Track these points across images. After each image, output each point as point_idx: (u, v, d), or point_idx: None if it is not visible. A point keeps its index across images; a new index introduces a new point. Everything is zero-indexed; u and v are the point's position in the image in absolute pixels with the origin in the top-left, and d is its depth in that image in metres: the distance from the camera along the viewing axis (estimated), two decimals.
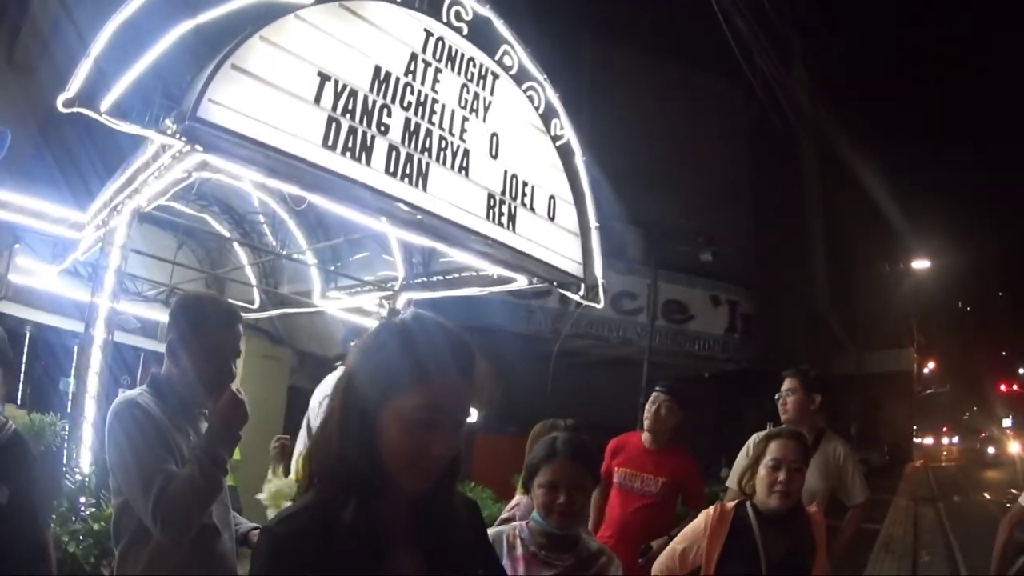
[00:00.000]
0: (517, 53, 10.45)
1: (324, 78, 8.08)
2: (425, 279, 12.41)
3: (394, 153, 8.55)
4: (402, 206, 8.69)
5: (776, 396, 6.82)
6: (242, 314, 4.42)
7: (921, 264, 35.28)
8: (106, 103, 6.68)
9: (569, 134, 11.02)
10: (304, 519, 2.26)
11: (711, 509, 5.06)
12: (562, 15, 23.62)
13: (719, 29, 20.75)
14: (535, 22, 22.28)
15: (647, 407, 8.25)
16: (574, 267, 10.85)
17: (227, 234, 15.24)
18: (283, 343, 17.97)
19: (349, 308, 13.81)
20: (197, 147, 7.19)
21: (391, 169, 8.49)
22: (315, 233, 13.59)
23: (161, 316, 14.92)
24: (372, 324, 12.53)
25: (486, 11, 10.15)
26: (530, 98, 10.58)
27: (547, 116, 10.79)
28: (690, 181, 23.41)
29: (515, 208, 9.89)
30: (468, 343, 2.52)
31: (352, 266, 13.73)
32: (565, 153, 10.99)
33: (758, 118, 25.69)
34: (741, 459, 6.68)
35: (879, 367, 28.37)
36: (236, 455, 13.46)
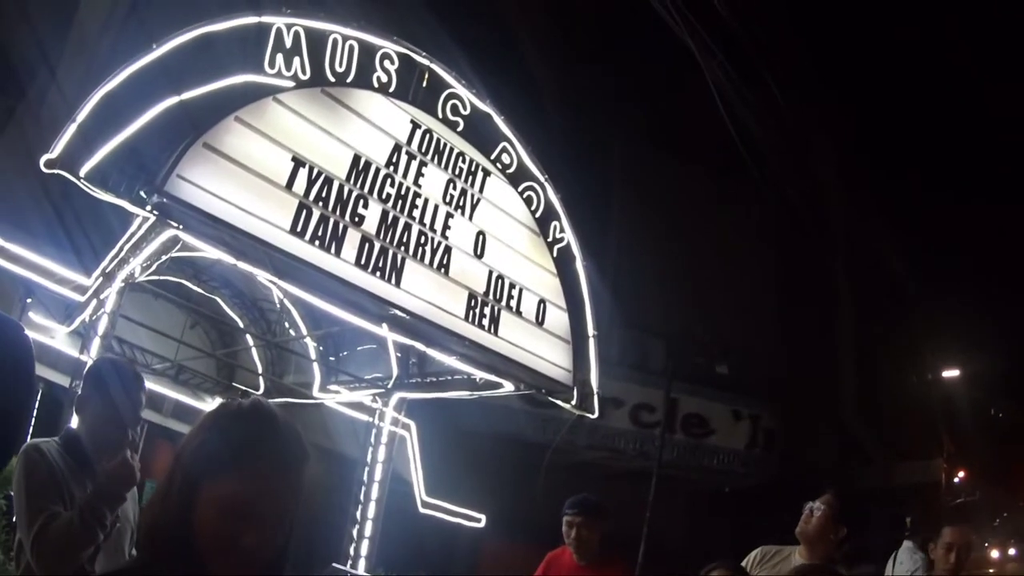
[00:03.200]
0: (516, 151, 10.33)
1: (299, 163, 7.99)
2: (419, 379, 12.13)
3: (367, 245, 8.38)
4: (372, 301, 8.51)
5: (805, 504, 6.18)
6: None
7: (952, 373, 34.86)
8: (85, 168, 6.73)
9: (570, 237, 10.77)
10: None
11: None
12: (594, 116, 23.64)
13: (750, 137, 20.63)
14: (566, 122, 22.41)
15: (564, 529, 7.99)
16: (561, 374, 10.48)
17: (236, 318, 15.27)
18: None
19: (348, 403, 13.83)
20: (168, 221, 7.22)
21: (362, 261, 8.30)
22: (318, 324, 13.42)
23: (168, 391, 15.19)
24: (367, 419, 12.51)
25: (486, 107, 10.07)
26: (528, 199, 10.40)
27: (546, 218, 10.57)
28: (717, 292, 23.09)
29: (499, 310, 9.60)
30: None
31: (355, 360, 13.56)
32: (564, 257, 10.72)
33: (786, 227, 25.42)
34: None
35: (907, 479, 27.71)
36: None
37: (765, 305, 24.95)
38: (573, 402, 10.73)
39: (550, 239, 10.56)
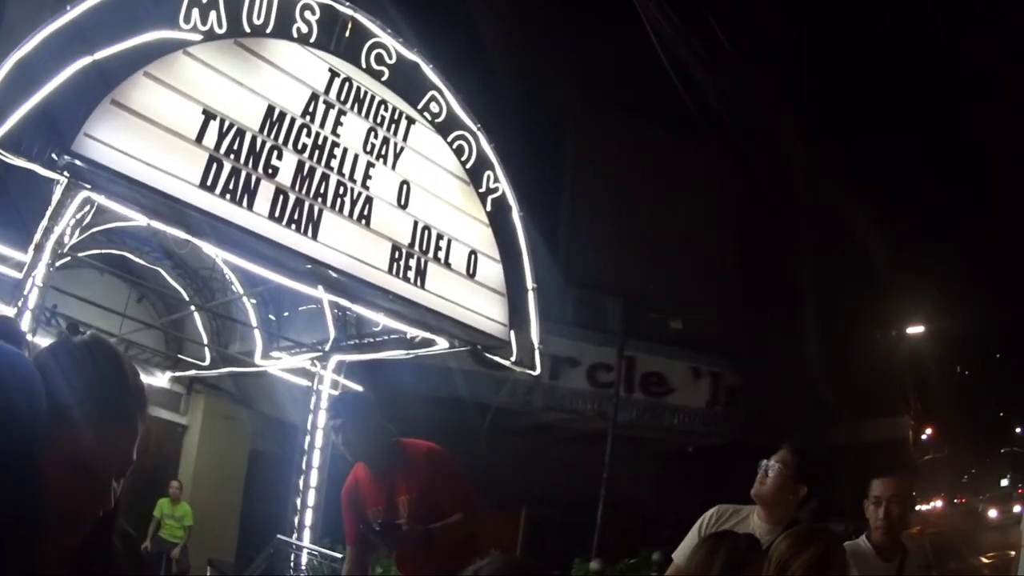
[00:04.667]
0: (446, 100, 10.20)
1: (209, 116, 7.87)
2: (357, 341, 12.01)
3: (281, 197, 8.26)
4: (287, 255, 8.43)
5: (760, 463, 5.80)
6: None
7: (916, 329, 34.93)
8: None
9: (505, 187, 10.63)
10: None
11: None
12: (551, 75, 23.51)
13: (707, 93, 20.52)
14: (521, 79, 22.28)
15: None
16: (497, 329, 10.35)
17: (180, 288, 15.28)
18: (245, 405, 17.71)
19: (290, 368, 13.70)
20: (79, 183, 7.20)
21: (276, 214, 8.19)
22: (255, 288, 13.32)
23: None
24: (307, 384, 12.38)
25: (413, 55, 9.95)
26: (459, 148, 10.26)
27: (478, 168, 10.42)
28: (675, 250, 23.00)
29: (425, 262, 9.49)
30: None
31: (295, 325, 13.47)
32: (499, 208, 10.58)
33: (745, 184, 25.35)
34: (693, 534, 5.82)
35: (874, 436, 27.71)
36: (189, 518, 13.10)
37: (725, 262, 24.94)
38: (512, 358, 10.61)
39: (483, 189, 10.43)
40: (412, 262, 9.29)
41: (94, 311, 13.15)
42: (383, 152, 9.36)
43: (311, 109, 8.74)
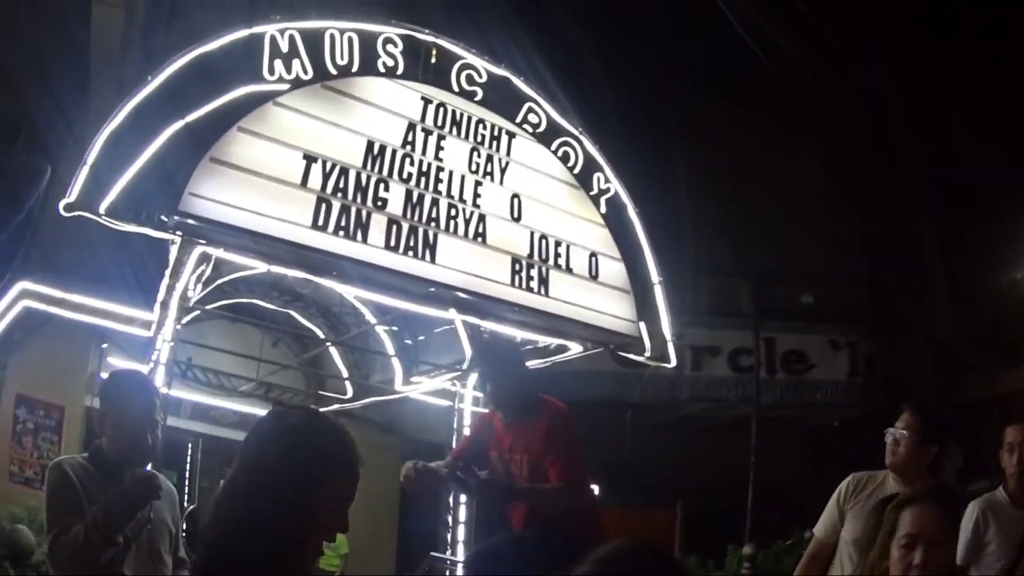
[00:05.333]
0: (543, 110, 10.25)
1: (311, 160, 8.09)
2: None
3: (394, 227, 8.44)
4: (408, 281, 8.65)
5: (887, 431, 5.67)
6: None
7: None
8: (104, 204, 7.03)
9: (616, 187, 10.61)
10: None
11: None
12: (650, 73, 23.53)
13: (791, 65, 20.40)
14: (625, 79, 22.36)
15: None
16: (627, 326, 10.32)
17: (315, 328, 15.84)
18: (392, 432, 17.98)
19: (430, 391, 13.90)
20: (193, 239, 7.61)
21: (392, 244, 8.37)
22: (385, 317, 13.66)
23: (257, 410, 15.58)
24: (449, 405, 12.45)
25: (502, 71, 10.04)
26: (564, 155, 10.29)
27: (587, 171, 10.43)
28: (796, 226, 22.76)
29: (547, 271, 9.54)
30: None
31: (432, 348, 13.65)
32: (613, 207, 10.56)
33: (856, 148, 25.02)
34: (831, 506, 5.83)
35: (1013, 386, 26.85)
36: (345, 546, 13.40)
37: (846, 230, 24.60)
38: (647, 354, 10.56)
39: (595, 191, 10.43)
40: (533, 272, 9.34)
41: (230, 359, 13.53)
42: (489, 169, 9.45)
43: (410, 138, 8.89)
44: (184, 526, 5.23)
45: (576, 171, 10.32)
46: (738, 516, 16.52)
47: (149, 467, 4.77)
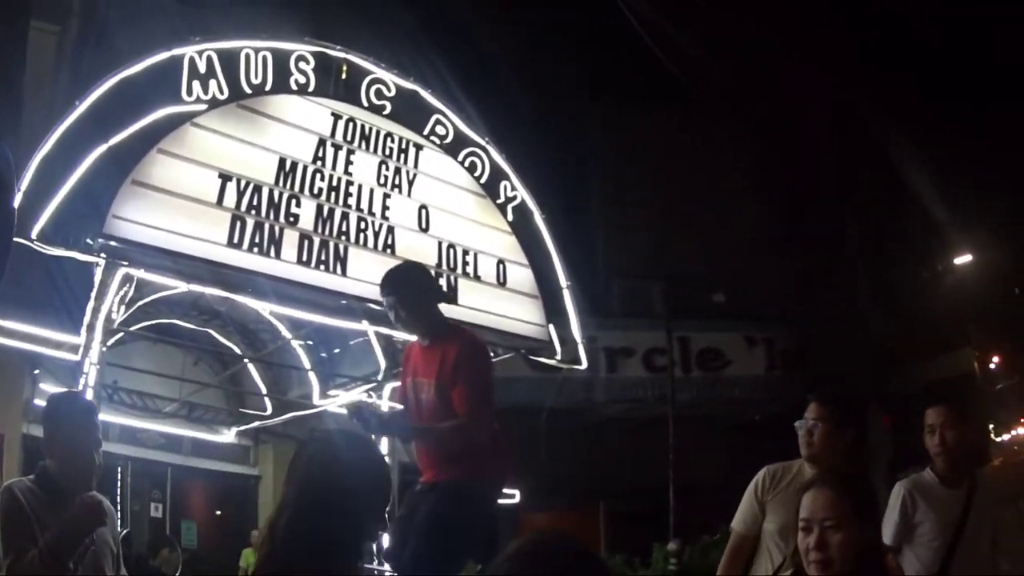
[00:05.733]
0: (451, 122, 10.69)
1: (226, 178, 8.45)
2: None
3: (306, 242, 8.81)
4: (321, 294, 9.04)
5: (797, 424, 5.70)
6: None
7: (965, 259, 34.84)
8: (36, 230, 7.35)
9: (523, 194, 11.10)
10: None
11: None
12: (563, 81, 23.95)
13: (721, 71, 20.91)
14: (537, 88, 22.77)
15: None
16: (536, 331, 10.80)
17: (232, 345, 16.04)
18: None
19: (347, 404, 13.86)
20: (117, 261, 7.90)
21: (304, 258, 8.75)
22: (300, 332, 13.92)
23: (184, 431, 16.39)
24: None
25: (411, 84, 10.47)
26: (471, 165, 10.75)
27: (494, 180, 10.90)
28: (711, 225, 23.19)
29: (455, 279, 9.96)
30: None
31: (348, 360, 13.94)
32: (520, 214, 11.04)
33: (769, 148, 25.55)
34: (750, 500, 5.84)
35: (939, 374, 27.54)
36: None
37: (761, 229, 25.06)
38: (558, 357, 11.03)
39: (501, 199, 10.89)
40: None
41: (154, 380, 13.77)
42: (397, 182, 9.87)
43: (321, 154, 9.27)
44: (118, 544, 5.36)
45: (483, 180, 10.77)
46: (662, 514, 16.89)
47: (94, 489, 4.84)
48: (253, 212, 8.47)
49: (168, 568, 14.49)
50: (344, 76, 9.88)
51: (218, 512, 18.82)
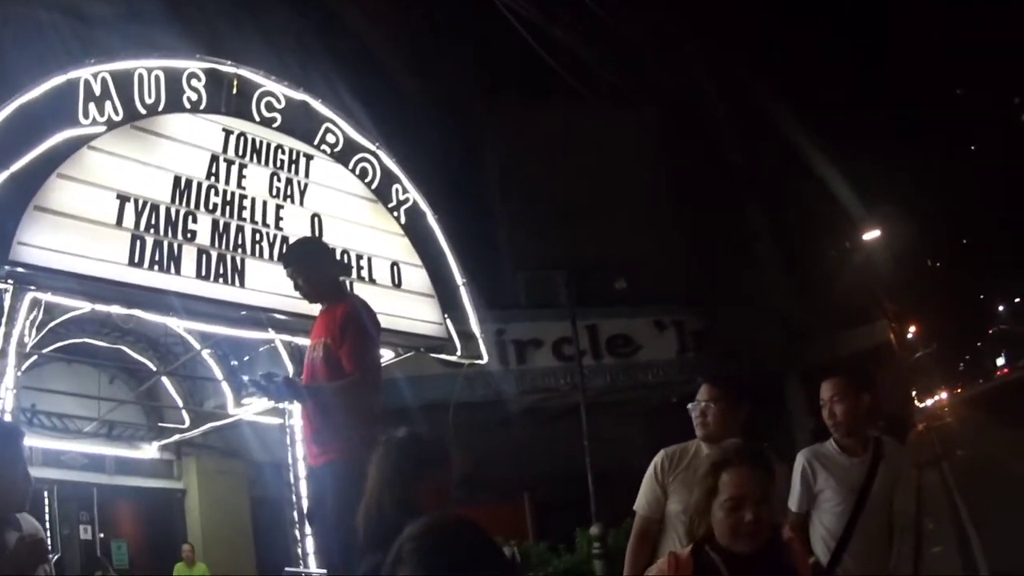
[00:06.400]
0: (340, 129, 11.22)
1: (124, 199, 8.87)
2: None
3: (204, 257, 9.28)
4: (220, 307, 9.51)
5: (690, 406, 6.01)
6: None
7: (873, 233, 35.66)
8: None
9: (415, 196, 11.66)
10: None
11: (663, 563, 4.16)
12: (457, 79, 24.47)
13: (607, 61, 21.56)
14: (423, 91, 23.28)
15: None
16: (435, 329, 11.35)
17: (145, 361, 16.48)
18: (235, 456, 18.76)
19: (261, 412, 14.51)
20: (24, 286, 8.29)
21: (203, 273, 9.21)
22: (208, 342, 14.43)
23: (106, 450, 16.72)
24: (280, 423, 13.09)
25: (300, 95, 10.98)
26: (363, 171, 11.29)
27: (385, 184, 11.44)
28: (611, 213, 23.75)
29: (351, 284, 10.35)
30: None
31: (257, 368, 13.83)
32: (413, 216, 11.58)
33: (666, 131, 26.22)
34: (651, 483, 6.06)
35: (856, 346, 28.38)
36: (204, 571, 13.82)
37: (664, 213, 25.70)
38: (458, 353, 11.60)
39: (393, 203, 11.46)
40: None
41: (71, 400, 14.21)
42: (289, 192, 10.39)
43: (214, 170, 9.77)
44: (53, 574, 5.33)
45: (374, 186, 11.33)
46: (586, 501, 17.49)
47: (25, 519, 4.73)
48: (152, 231, 8.88)
49: None
50: (235, 91, 10.28)
51: (147, 528, 19.04)
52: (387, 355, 11.39)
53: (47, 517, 16.05)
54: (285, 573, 12.30)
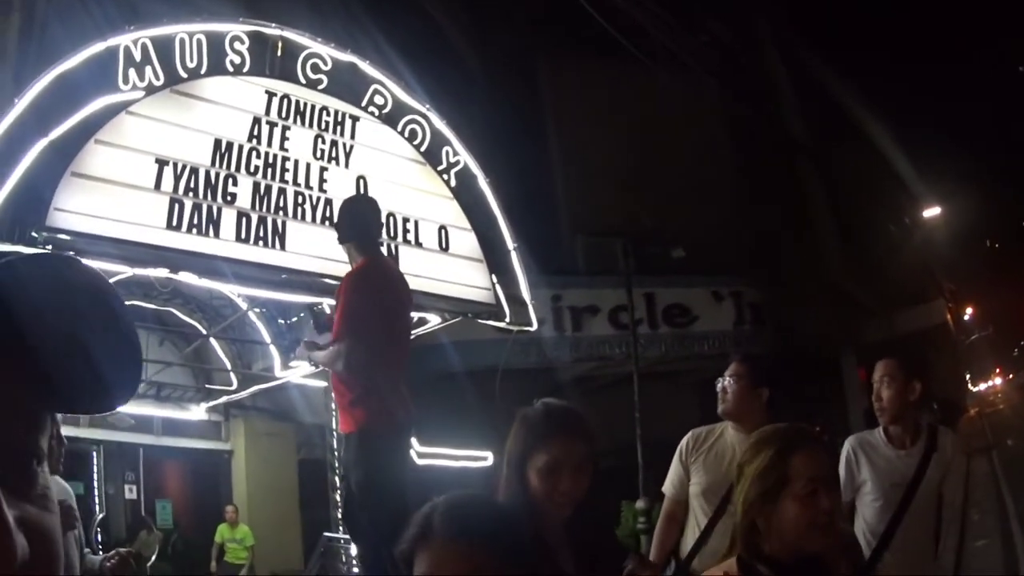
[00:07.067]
0: (389, 91, 11.06)
1: (162, 164, 8.87)
2: None
3: (244, 219, 9.27)
4: (260, 270, 9.47)
5: (716, 381, 6.13)
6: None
7: (933, 212, 35.28)
8: None
9: (466, 159, 11.47)
10: None
11: None
12: (516, 36, 24.33)
13: (669, 25, 21.35)
14: (483, 49, 23.13)
15: None
16: (483, 294, 11.25)
17: (195, 323, 16.65)
18: (284, 419, 18.88)
19: (309, 375, 14.54)
20: (62, 252, 8.01)
21: (242, 236, 9.21)
22: (255, 302, 14.45)
23: (154, 411, 17.08)
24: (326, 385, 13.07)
25: (348, 56, 10.85)
26: (411, 133, 11.12)
27: (435, 146, 11.27)
28: (674, 182, 23.54)
29: (396, 247, 10.37)
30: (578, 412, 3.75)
31: (306, 330, 14.10)
32: (463, 179, 11.42)
33: (732, 101, 26.02)
34: (676, 465, 6.21)
35: (913, 325, 28.07)
36: (250, 539, 13.93)
37: (724, 183, 25.51)
38: (507, 319, 11.46)
39: (443, 165, 11.28)
40: (383, 250, 9.95)
41: None
42: (334, 154, 10.31)
43: (256, 132, 9.72)
44: (98, 535, 5.22)
45: (423, 148, 11.15)
46: (633, 473, 17.38)
47: (57, 483, 4.60)
48: (191, 194, 8.89)
49: (147, 550, 14.96)
50: (279, 53, 10.19)
51: (192, 489, 19.46)
52: (433, 320, 11.46)
53: (94, 477, 16.54)
54: (323, 539, 12.30)
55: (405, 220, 10.64)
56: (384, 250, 9.75)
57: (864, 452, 5.88)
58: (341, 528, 12.27)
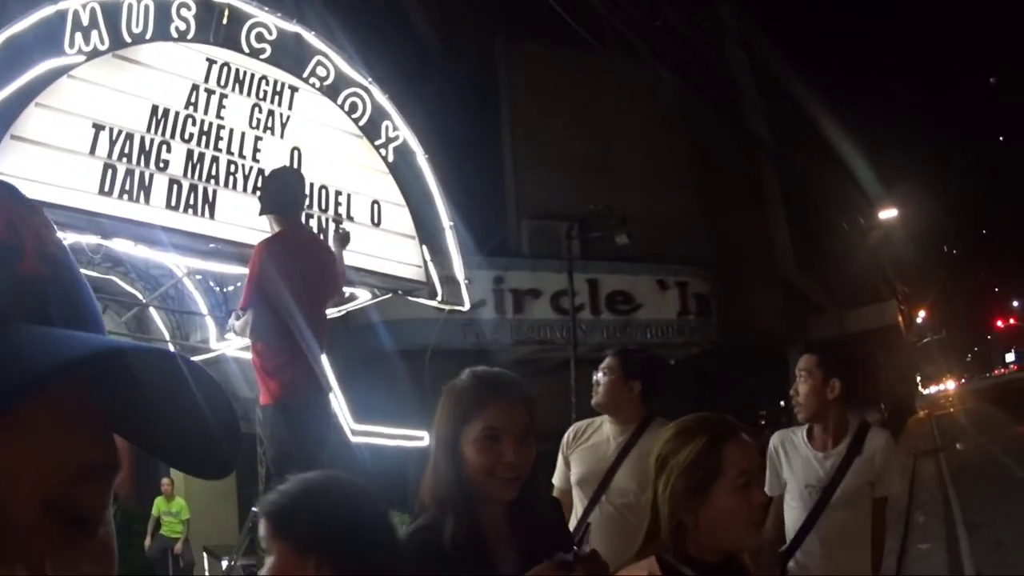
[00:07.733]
0: (332, 63, 11.23)
1: (99, 128, 9.03)
2: None
3: (175, 187, 9.43)
4: (189, 238, 9.65)
5: (593, 374, 6.21)
6: None
7: (889, 214, 35.65)
8: None
9: (405, 134, 11.63)
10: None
11: None
12: (472, 20, 24.48)
13: (628, 12, 21.57)
14: (443, 29, 23.29)
15: None
16: (414, 272, 11.39)
17: (136, 292, 16.53)
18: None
19: (243, 347, 14.39)
20: None
21: (172, 203, 9.37)
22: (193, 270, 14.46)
23: None
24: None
25: (293, 27, 11.03)
26: (352, 106, 11.28)
27: (375, 120, 11.42)
28: (625, 169, 23.83)
29: (326, 220, 10.52)
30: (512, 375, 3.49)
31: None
32: (401, 155, 11.57)
33: (688, 92, 26.26)
34: (559, 458, 6.30)
35: (863, 324, 28.45)
36: (186, 512, 14.08)
37: (676, 173, 25.71)
38: (439, 298, 11.66)
39: (382, 140, 11.43)
40: (312, 222, 10.28)
41: None
42: (269, 124, 10.46)
43: (193, 100, 9.86)
44: None
45: (362, 122, 11.32)
46: None
47: None
48: (124, 159, 9.04)
49: None
50: (225, 21, 10.34)
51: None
52: (364, 296, 11.71)
53: None
54: (252, 514, 12.49)
55: (337, 193, 10.80)
56: (314, 223, 10.04)
57: (785, 450, 5.89)
58: None
